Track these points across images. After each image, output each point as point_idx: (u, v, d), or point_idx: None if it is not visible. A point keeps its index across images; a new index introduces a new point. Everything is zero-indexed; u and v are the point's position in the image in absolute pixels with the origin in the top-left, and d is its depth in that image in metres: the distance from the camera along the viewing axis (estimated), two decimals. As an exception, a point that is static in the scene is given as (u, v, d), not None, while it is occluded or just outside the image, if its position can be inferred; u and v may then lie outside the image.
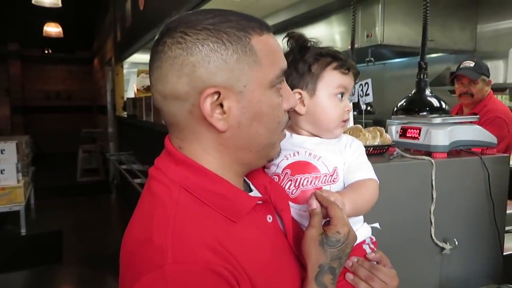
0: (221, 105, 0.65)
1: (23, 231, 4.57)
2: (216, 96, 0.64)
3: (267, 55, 0.67)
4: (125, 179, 3.88)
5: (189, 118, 0.67)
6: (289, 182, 0.87)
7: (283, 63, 0.71)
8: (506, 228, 1.61)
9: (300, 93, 0.89)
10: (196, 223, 0.63)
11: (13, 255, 4.03)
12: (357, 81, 1.56)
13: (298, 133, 0.93)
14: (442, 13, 3.49)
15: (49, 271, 3.72)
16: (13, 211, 4.52)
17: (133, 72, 6.38)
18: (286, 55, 0.85)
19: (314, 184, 0.87)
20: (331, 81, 0.89)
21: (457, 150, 1.47)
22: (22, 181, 4.61)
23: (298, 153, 0.89)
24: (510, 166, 1.55)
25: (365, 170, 0.90)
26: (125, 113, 5.41)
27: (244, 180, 0.78)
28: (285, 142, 0.80)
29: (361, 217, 0.93)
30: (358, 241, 0.79)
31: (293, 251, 0.76)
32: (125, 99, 6.09)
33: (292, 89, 0.79)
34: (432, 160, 1.31)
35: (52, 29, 7.74)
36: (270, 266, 0.68)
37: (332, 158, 0.89)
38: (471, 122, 1.51)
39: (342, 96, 0.92)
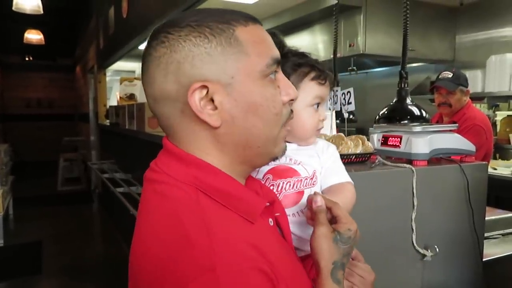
0: (212, 101, 0.63)
1: (1, 242, 4.45)
2: (204, 91, 0.63)
3: (254, 45, 0.65)
4: (107, 188, 3.82)
5: (183, 118, 0.65)
6: (272, 187, 0.88)
7: (274, 52, 0.68)
8: (485, 235, 1.64)
9: None
10: (226, 223, 0.61)
11: (-10, 267, 3.93)
12: (337, 90, 1.58)
13: None
14: (422, 23, 3.57)
15: (29, 283, 3.63)
16: (-9, 222, 4.41)
17: (116, 80, 6.32)
18: None
19: (296, 187, 0.89)
20: (308, 92, 0.91)
21: (437, 158, 1.49)
22: (0, 191, 4.50)
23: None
24: (488, 173, 1.58)
25: (342, 173, 0.94)
26: (108, 121, 5.35)
27: None
28: None
29: None
30: None
31: (294, 252, 0.77)
32: (107, 107, 6.02)
33: None
34: (413, 168, 1.33)
35: (33, 36, 7.62)
36: (291, 265, 0.68)
37: (311, 162, 0.92)
38: (450, 131, 1.54)
39: (317, 107, 0.93)
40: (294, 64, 0.91)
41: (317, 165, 0.93)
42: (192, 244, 0.55)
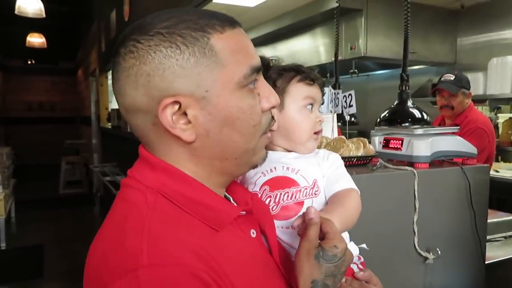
0: (186, 114, 0.60)
1: (3, 245, 4.46)
2: (176, 106, 0.59)
3: (231, 54, 0.60)
4: (109, 191, 3.82)
5: (155, 130, 0.62)
6: (269, 199, 0.84)
7: (254, 60, 0.63)
8: (488, 237, 1.63)
9: None
10: (175, 226, 0.58)
11: (-8, 270, 3.93)
12: (338, 92, 1.58)
13: (273, 150, 0.92)
14: (423, 26, 3.57)
15: (30, 286, 3.64)
16: (-7, 225, 4.42)
17: (118, 83, 6.32)
18: None
19: (295, 198, 0.84)
20: (297, 93, 0.90)
21: (438, 161, 1.49)
22: (2, 194, 4.50)
23: (275, 168, 0.87)
24: (490, 175, 1.58)
25: (345, 180, 0.89)
26: (109, 124, 5.36)
27: (225, 196, 0.73)
28: None
29: (347, 236, 0.91)
30: None
31: (278, 268, 0.70)
32: (109, 110, 6.04)
33: None
34: (415, 171, 1.33)
35: (36, 39, 7.65)
36: (258, 280, 0.63)
37: (311, 170, 0.88)
38: (452, 133, 1.54)
39: (312, 107, 0.92)
40: (279, 69, 0.90)
41: (318, 174, 0.88)
42: (123, 245, 0.54)
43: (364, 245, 0.96)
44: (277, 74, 0.90)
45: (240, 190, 0.77)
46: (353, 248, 0.91)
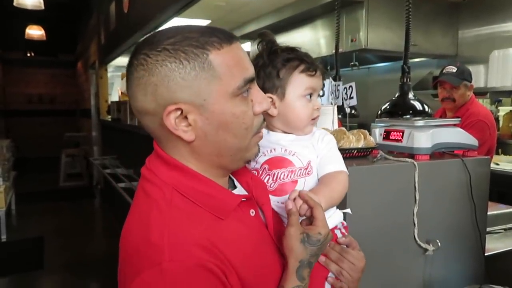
0: (187, 117, 0.70)
1: (3, 237, 4.48)
2: (179, 112, 0.70)
3: (227, 68, 0.70)
4: (109, 183, 3.83)
5: (162, 130, 0.72)
6: (267, 176, 0.95)
7: (247, 73, 0.73)
8: (487, 230, 1.63)
9: (271, 97, 0.94)
10: (189, 223, 0.69)
11: (-8, 262, 3.94)
12: (339, 84, 1.57)
13: (273, 131, 1.00)
14: (424, 18, 3.55)
15: (30, 278, 3.65)
16: (-7, 217, 4.43)
17: (118, 76, 6.33)
18: (256, 58, 0.96)
19: (290, 177, 0.94)
20: (299, 84, 0.95)
21: (439, 153, 1.48)
22: (2, 186, 4.51)
23: (274, 149, 0.97)
24: (491, 168, 1.58)
25: (335, 162, 0.97)
26: (109, 116, 5.35)
27: (230, 177, 0.84)
28: (263, 140, 0.85)
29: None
30: (330, 226, 0.88)
31: (273, 241, 0.82)
32: (109, 102, 6.03)
33: (264, 91, 0.83)
34: (415, 162, 1.33)
35: (35, 31, 7.62)
36: (254, 258, 0.75)
37: (306, 153, 0.96)
38: (453, 125, 1.53)
39: (310, 97, 0.97)
40: (283, 59, 0.95)
41: (312, 155, 0.97)
42: (150, 242, 0.67)
43: (348, 210, 1.05)
44: (281, 64, 0.95)
45: (242, 172, 0.87)
46: (338, 215, 1.00)
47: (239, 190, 0.84)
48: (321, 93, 1.04)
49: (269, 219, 0.84)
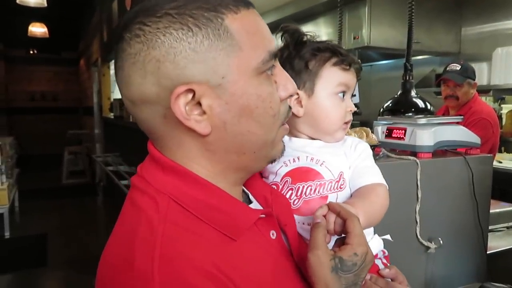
0: (200, 104, 0.55)
1: (6, 234, 4.50)
2: (190, 95, 0.54)
3: (248, 37, 0.55)
4: (111, 181, 3.83)
5: (165, 123, 0.56)
6: (290, 192, 0.78)
7: (271, 45, 0.59)
8: (490, 227, 1.63)
9: (297, 93, 0.78)
10: (188, 243, 0.53)
11: (-4, 259, 3.97)
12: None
13: (297, 137, 0.84)
14: (427, 15, 3.53)
15: (33, 275, 3.67)
16: (-3, 214, 4.45)
17: (120, 73, 6.30)
18: (281, 51, 0.78)
19: (318, 192, 0.78)
20: (331, 78, 0.80)
21: (442, 150, 1.48)
22: (6, 183, 4.53)
23: (298, 158, 0.80)
24: (493, 166, 1.57)
25: (373, 174, 0.82)
26: (112, 114, 5.36)
27: (243, 190, 0.68)
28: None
29: (372, 228, 0.86)
30: None
31: (299, 271, 0.65)
32: (111, 100, 6.03)
33: None
34: (417, 160, 1.33)
35: (37, 29, 7.62)
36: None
37: (337, 162, 0.80)
38: (455, 123, 1.53)
39: (343, 95, 0.83)
40: (313, 49, 0.80)
41: (344, 166, 0.81)
42: (132, 268, 0.50)
43: (388, 236, 0.90)
44: (310, 54, 0.80)
45: (258, 184, 0.72)
46: (377, 242, 0.85)
47: (255, 206, 0.68)
48: (354, 93, 0.88)
49: (294, 243, 0.67)
